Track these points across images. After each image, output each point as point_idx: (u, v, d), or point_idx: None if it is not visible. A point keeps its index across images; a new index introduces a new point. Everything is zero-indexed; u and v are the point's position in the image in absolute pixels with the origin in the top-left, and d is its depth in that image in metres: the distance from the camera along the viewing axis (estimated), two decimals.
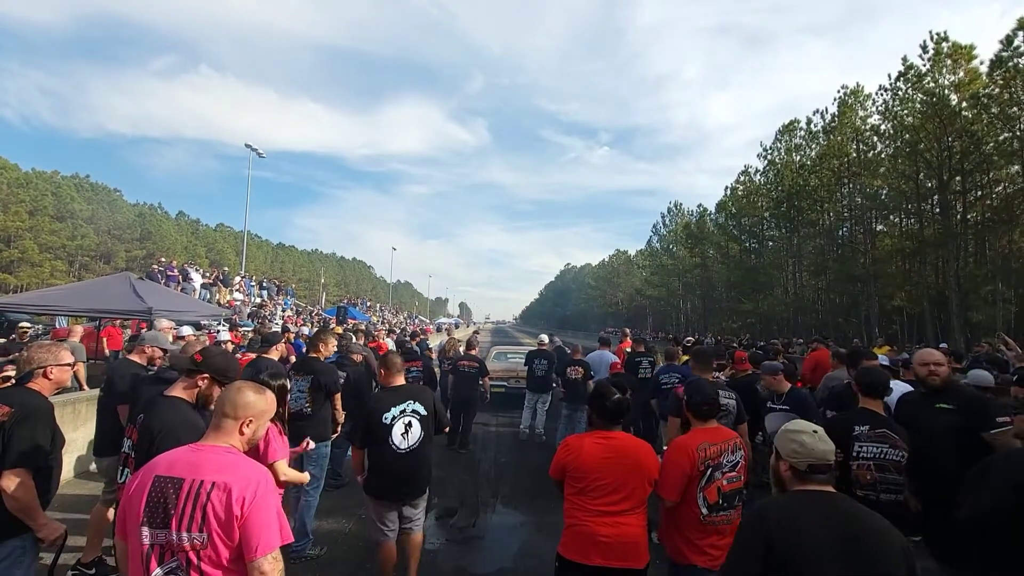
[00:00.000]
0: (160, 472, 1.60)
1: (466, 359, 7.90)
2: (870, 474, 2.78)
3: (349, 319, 19.46)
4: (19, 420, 2.30)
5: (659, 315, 58.95)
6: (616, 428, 2.68)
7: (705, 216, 44.84)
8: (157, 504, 1.55)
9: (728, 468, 2.64)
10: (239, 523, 1.54)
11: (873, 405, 2.96)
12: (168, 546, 1.53)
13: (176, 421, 2.15)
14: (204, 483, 1.57)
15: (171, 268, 17.47)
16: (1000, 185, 21.85)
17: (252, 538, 1.55)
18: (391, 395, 3.44)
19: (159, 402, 2.28)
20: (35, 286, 38.68)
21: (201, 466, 1.61)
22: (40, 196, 46.11)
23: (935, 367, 3.11)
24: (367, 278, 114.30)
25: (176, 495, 1.55)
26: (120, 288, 8.32)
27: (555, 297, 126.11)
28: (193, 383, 2.30)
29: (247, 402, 1.76)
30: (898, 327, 27.33)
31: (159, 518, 1.54)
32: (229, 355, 2.60)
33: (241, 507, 1.55)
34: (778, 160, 33.54)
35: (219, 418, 1.75)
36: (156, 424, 2.14)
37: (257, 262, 67.43)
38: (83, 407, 5.87)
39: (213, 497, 1.54)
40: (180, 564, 1.53)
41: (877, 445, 2.79)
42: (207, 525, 1.53)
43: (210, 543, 1.53)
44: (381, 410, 3.34)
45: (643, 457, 2.59)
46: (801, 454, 1.67)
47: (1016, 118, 19.21)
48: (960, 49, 20.74)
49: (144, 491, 1.57)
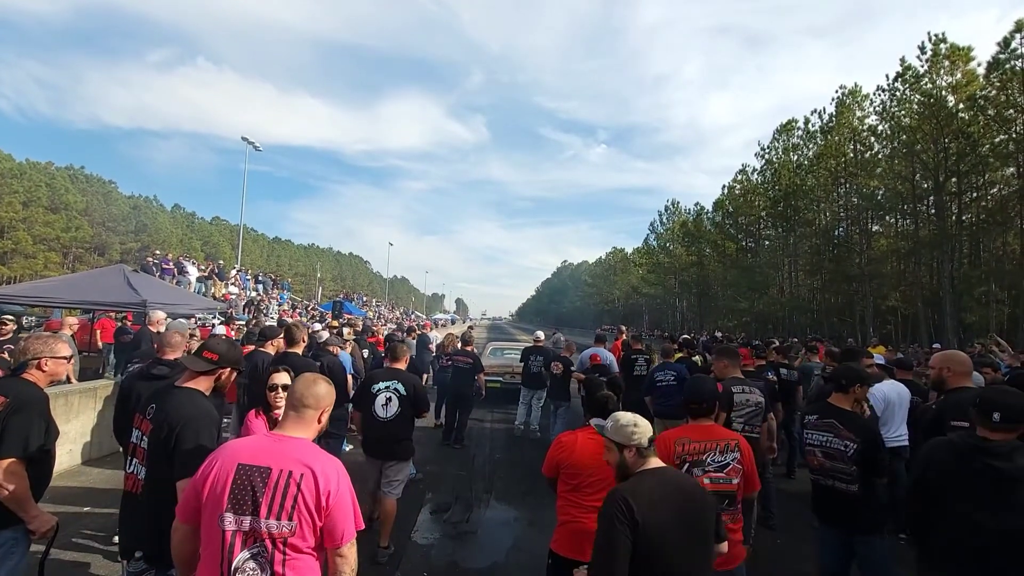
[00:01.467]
0: (244, 460, 1.62)
1: (461, 355, 7.92)
2: (817, 460, 3.00)
3: (345, 314, 19.42)
4: (13, 410, 2.28)
5: (655, 313, 59.07)
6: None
7: (702, 215, 44.89)
8: (244, 491, 1.57)
9: (713, 467, 2.60)
10: (325, 512, 1.60)
11: (837, 399, 3.05)
12: (252, 532, 1.56)
13: (195, 413, 2.15)
14: (293, 473, 1.60)
15: (166, 261, 17.37)
16: (995, 187, 21.96)
17: (337, 526, 1.62)
18: (382, 372, 4.29)
19: (175, 393, 2.27)
20: (29, 278, 38.40)
21: (286, 455, 1.64)
22: (34, 187, 45.74)
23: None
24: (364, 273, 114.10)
25: (264, 483, 1.58)
26: (114, 280, 8.28)
27: (551, 294, 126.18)
28: (212, 376, 2.35)
29: (324, 393, 1.83)
30: (892, 327, 27.51)
31: (247, 505, 1.56)
32: (233, 342, 2.63)
33: (327, 497, 1.60)
34: (775, 159, 33.60)
35: (301, 409, 1.79)
36: (174, 415, 2.13)
37: (253, 256, 67.12)
38: (76, 399, 5.84)
39: (304, 486, 1.59)
40: (264, 549, 1.56)
41: (823, 433, 2.97)
42: (297, 513, 1.57)
43: (297, 530, 1.57)
44: (372, 381, 4.19)
45: None
46: (639, 434, 1.97)
47: (1012, 120, 19.29)
48: (958, 51, 20.79)
49: (228, 479, 1.59)
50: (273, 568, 1.56)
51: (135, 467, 2.25)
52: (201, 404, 2.22)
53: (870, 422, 2.94)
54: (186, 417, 2.12)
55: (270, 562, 1.56)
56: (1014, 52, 18.55)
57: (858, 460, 2.80)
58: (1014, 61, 18.58)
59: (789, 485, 6.09)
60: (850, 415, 2.97)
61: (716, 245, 41.36)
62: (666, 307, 55.30)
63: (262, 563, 1.56)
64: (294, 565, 1.58)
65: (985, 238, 22.75)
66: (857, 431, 2.86)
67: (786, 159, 32.49)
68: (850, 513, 2.85)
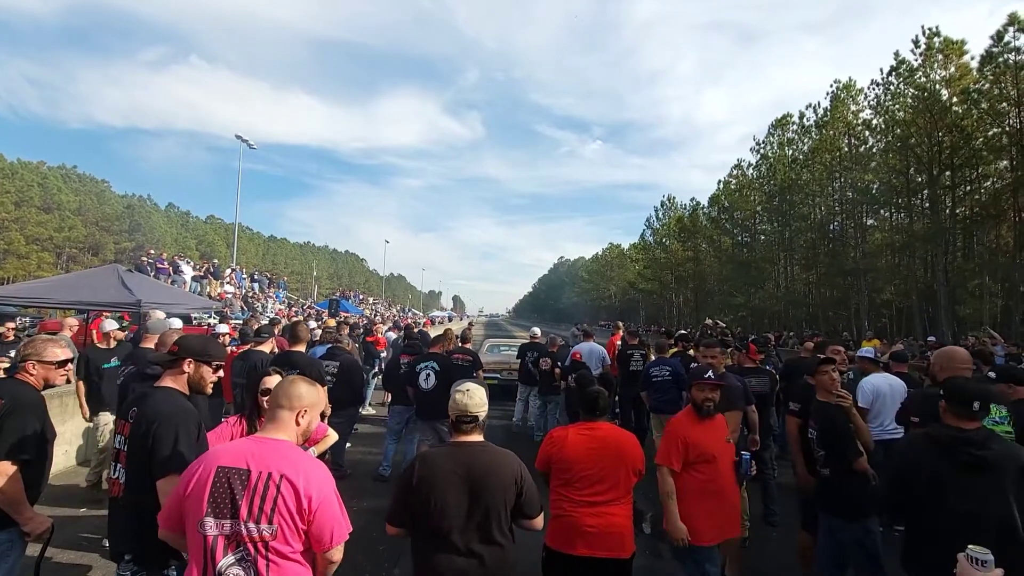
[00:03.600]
0: (223, 463, 1.59)
1: (460, 352, 7.91)
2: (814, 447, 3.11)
3: (342, 312, 19.38)
4: (9, 412, 2.28)
5: (652, 308, 59.19)
6: (601, 419, 2.71)
7: (698, 210, 44.94)
8: (223, 495, 1.54)
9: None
10: (308, 516, 1.57)
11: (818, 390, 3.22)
12: (234, 536, 1.53)
13: (170, 410, 2.10)
14: (272, 475, 1.57)
15: (161, 260, 17.28)
16: (989, 180, 22.06)
17: (324, 531, 1.59)
18: (423, 357, 5.57)
19: (151, 393, 2.23)
20: (22, 278, 38.15)
21: (266, 457, 1.60)
22: (26, 187, 45.44)
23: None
24: (360, 271, 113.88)
25: (243, 486, 1.54)
26: (109, 280, 8.23)
27: (548, 290, 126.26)
28: (179, 370, 2.26)
29: (300, 393, 1.77)
30: (887, 321, 27.67)
31: (225, 509, 1.53)
32: (206, 337, 2.56)
33: (310, 501, 1.56)
34: (771, 154, 33.66)
35: (274, 410, 1.75)
36: (150, 414, 2.09)
37: (248, 254, 66.86)
38: (71, 400, 5.80)
39: (283, 489, 1.55)
40: (248, 553, 1.52)
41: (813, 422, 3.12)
42: (277, 516, 1.53)
43: (279, 534, 1.54)
44: (416, 363, 5.49)
45: (627, 448, 2.62)
46: (452, 408, 2.15)
47: (1005, 113, 19.38)
48: (952, 44, 20.84)
49: (207, 482, 1.56)
50: (258, 572, 1.52)
51: (119, 472, 2.22)
52: (176, 401, 2.17)
53: (829, 409, 2.97)
54: (162, 414, 2.08)
55: (254, 566, 1.52)
56: (1007, 45, 18.61)
57: (821, 445, 2.93)
58: (1007, 54, 18.64)
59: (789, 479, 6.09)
60: (819, 404, 3.06)
61: (712, 240, 41.47)
62: (663, 302, 55.41)
63: (246, 568, 1.52)
64: (279, 571, 1.54)
65: (979, 231, 22.88)
66: (818, 419, 2.98)
67: (781, 154, 32.54)
68: (828, 496, 2.97)
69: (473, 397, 2.13)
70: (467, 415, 2.11)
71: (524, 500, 2.07)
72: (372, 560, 3.83)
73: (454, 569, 1.95)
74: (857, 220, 27.79)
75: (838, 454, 2.85)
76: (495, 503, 2.00)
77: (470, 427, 2.13)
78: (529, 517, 2.12)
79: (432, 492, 1.97)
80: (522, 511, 2.08)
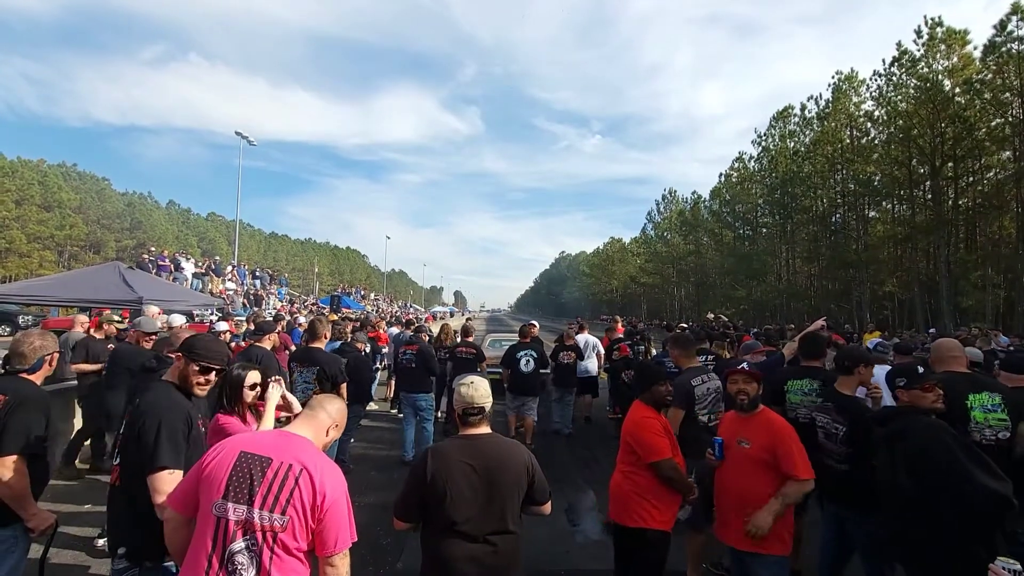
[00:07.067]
0: (247, 448, 1.60)
1: (463, 346, 7.90)
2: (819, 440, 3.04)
3: (343, 308, 19.40)
4: (13, 408, 2.28)
5: (653, 302, 59.17)
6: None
7: (699, 203, 44.84)
8: (242, 480, 1.54)
9: None
10: (320, 514, 1.57)
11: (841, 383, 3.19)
12: (245, 523, 1.52)
13: (159, 402, 2.14)
14: (293, 466, 1.58)
15: (162, 258, 17.30)
16: (991, 171, 21.95)
17: (330, 533, 1.58)
18: (520, 345, 7.00)
19: (150, 386, 2.28)
20: (24, 276, 38.22)
21: (289, 449, 1.62)
22: (26, 185, 45.40)
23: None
24: (361, 267, 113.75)
25: (263, 473, 1.55)
26: (110, 278, 8.22)
27: (549, 285, 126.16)
28: (176, 366, 2.30)
29: (341, 410, 1.89)
30: (889, 312, 27.61)
31: (242, 494, 1.53)
32: (199, 334, 2.57)
33: (324, 500, 1.57)
34: (772, 147, 33.50)
35: (317, 410, 1.81)
36: (144, 406, 2.14)
37: (250, 251, 66.85)
38: (74, 397, 5.81)
39: (301, 482, 1.56)
40: (255, 542, 1.52)
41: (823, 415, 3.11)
42: (291, 508, 1.54)
43: (289, 526, 1.54)
44: (516, 350, 6.90)
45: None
46: (458, 402, 2.17)
47: (1008, 104, 19.23)
48: (954, 34, 20.67)
49: (227, 466, 1.56)
50: (260, 563, 1.52)
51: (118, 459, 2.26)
52: (168, 394, 2.19)
53: (859, 405, 2.96)
54: (152, 404, 2.11)
55: (258, 556, 1.52)
56: (1011, 35, 18.45)
57: (847, 442, 2.88)
58: (1010, 44, 18.48)
59: None
60: (844, 399, 3.00)
61: (713, 234, 41.37)
62: (664, 296, 55.39)
63: (252, 556, 1.52)
64: (281, 565, 1.54)
65: (981, 222, 22.78)
66: (845, 415, 2.91)
67: (783, 146, 32.39)
68: (840, 490, 2.95)
69: (478, 389, 2.16)
70: (474, 407, 2.15)
71: (535, 488, 2.13)
72: (375, 554, 3.84)
73: (468, 558, 1.98)
74: (859, 212, 27.69)
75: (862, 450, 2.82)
76: (509, 493, 2.04)
77: (478, 419, 2.16)
78: (539, 504, 2.19)
79: (448, 485, 1.99)
80: (533, 499, 2.14)
